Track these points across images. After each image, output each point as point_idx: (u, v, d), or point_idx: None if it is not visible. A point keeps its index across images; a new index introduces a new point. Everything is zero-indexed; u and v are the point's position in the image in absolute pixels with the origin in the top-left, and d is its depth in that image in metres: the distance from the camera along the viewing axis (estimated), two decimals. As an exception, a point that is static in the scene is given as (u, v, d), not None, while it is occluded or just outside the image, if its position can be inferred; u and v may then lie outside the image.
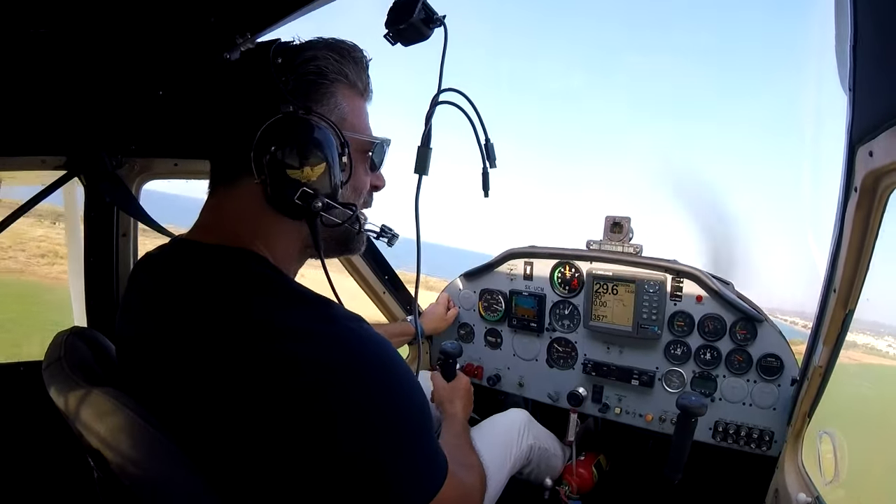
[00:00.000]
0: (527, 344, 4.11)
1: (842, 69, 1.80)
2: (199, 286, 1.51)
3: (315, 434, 1.36)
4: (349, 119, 1.72)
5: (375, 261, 4.16)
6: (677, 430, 2.95)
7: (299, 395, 1.34)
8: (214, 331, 1.42)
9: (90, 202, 2.94)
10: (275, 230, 1.64)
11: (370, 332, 1.52)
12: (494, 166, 2.14)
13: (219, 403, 1.40)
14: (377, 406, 1.43)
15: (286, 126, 1.54)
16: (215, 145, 1.70)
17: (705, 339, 3.41)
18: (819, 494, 2.35)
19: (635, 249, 3.62)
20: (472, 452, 2.23)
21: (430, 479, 1.55)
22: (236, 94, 1.65)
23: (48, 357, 1.69)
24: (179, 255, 1.66)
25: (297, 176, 1.54)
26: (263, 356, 1.36)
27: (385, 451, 1.43)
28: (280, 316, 1.43)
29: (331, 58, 1.65)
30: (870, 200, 1.81)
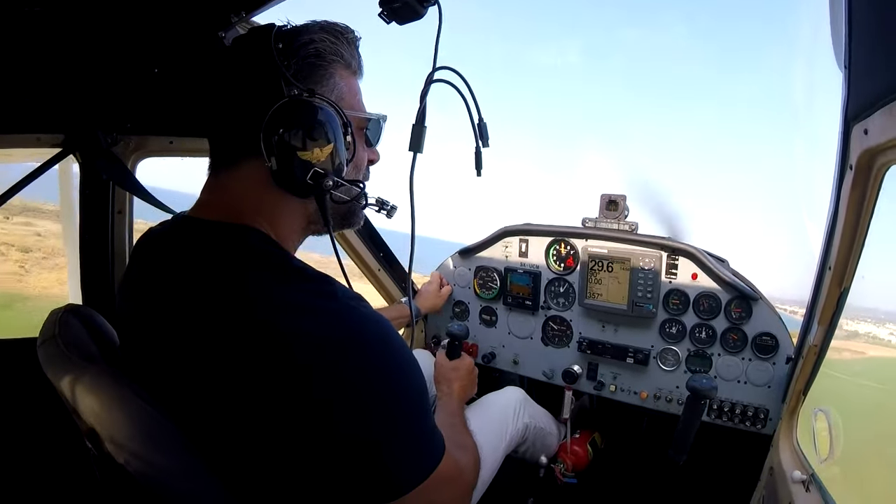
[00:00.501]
0: (522, 322, 4.11)
1: (837, 47, 1.78)
2: (199, 262, 1.53)
3: (311, 410, 1.37)
4: (347, 98, 1.74)
5: (371, 238, 4.15)
6: (685, 412, 2.94)
7: (296, 370, 1.36)
8: (213, 306, 1.43)
9: (86, 180, 2.94)
10: (279, 208, 1.67)
11: (370, 311, 1.54)
12: (487, 145, 2.16)
13: (216, 379, 1.42)
14: (375, 384, 1.45)
15: (293, 109, 1.56)
16: (217, 127, 1.71)
17: (700, 317, 3.41)
18: (814, 472, 2.35)
19: (631, 227, 3.62)
20: (467, 433, 2.24)
21: (427, 459, 1.57)
22: (238, 79, 1.66)
23: (43, 334, 1.69)
24: (181, 232, 1.68)
25: (308, 157, 1.57)
26: (262, 331, 1.37)
27: (381, 429, 1.45)
28: (280, 291, 1.45)
29: (327, 40, 1.68)
30: (865, 178, 1.81)
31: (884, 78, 1.46)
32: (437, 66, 1.95)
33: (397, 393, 1.50)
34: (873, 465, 3.69)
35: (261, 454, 1.45)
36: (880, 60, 1.49)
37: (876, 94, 1.51)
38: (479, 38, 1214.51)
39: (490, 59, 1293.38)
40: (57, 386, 1.54)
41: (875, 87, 1.52)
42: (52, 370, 1.57)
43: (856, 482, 2.94)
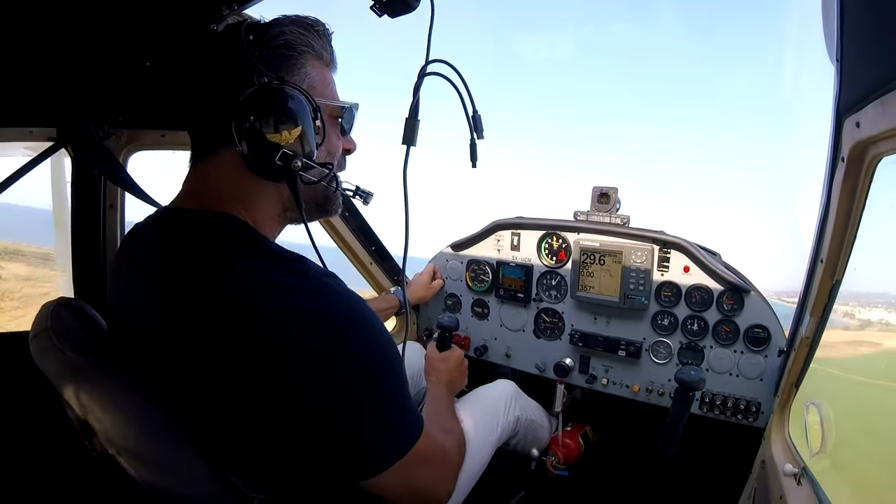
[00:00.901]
0: (514, 314, 4.12)
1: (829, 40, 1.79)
2: (179, 249, 1.58)
3: (282, 387, 1.42)
4: (318, 87, 1.80)
5: (363, 232, 4.15)
6: (674, 404, 2.96)
7: (266, 346, 1.40)
8: (191, 290, 1.49)
9: (77, 173, 2.95)
10: (255, 194, 1.72)
11: (343, 288, 1.60)
12: (482, 137, 2.19)
13: (197, 361, 1.46)
14: (344, 360, 1.49)
15: (263, 95, 1.61)
16: (195, 118, 1.77)
17: (692, 309, 3.41)
18: (806, 465, 2.36)
19: (622, 220, 3.61)
20: (452, 418, 2.29)
21: (402, 436, 1.62)
22: (213, 70, 1.73)
23: (35, 327, 1.70)
24: (164, 223, 1.74)
25: (276, 139, 1.62)
26: (236, 310, 1.42)
27: (351, 405, 1.49)
28: (254, 270, 1.50)
29: (297, 32, 1.75)
30: (857, 170, 1.81)
31: (876, 70, 1.46)
32: (429, 60, 1.96)
33: (368, 369, 1.54)
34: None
35: (242, 434, 1.49)
36: (872, 53, 1.49)
37: (868, 87, 1.51)
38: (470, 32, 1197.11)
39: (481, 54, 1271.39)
40: (49, 379, 1.55)
41: (867, 80, 1.52)
42: (45, 363, 1.58)
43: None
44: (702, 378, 2.81)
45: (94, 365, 1.50)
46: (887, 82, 1.38)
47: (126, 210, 3.14)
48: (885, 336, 3.88)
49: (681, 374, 2.84)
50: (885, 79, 1.39)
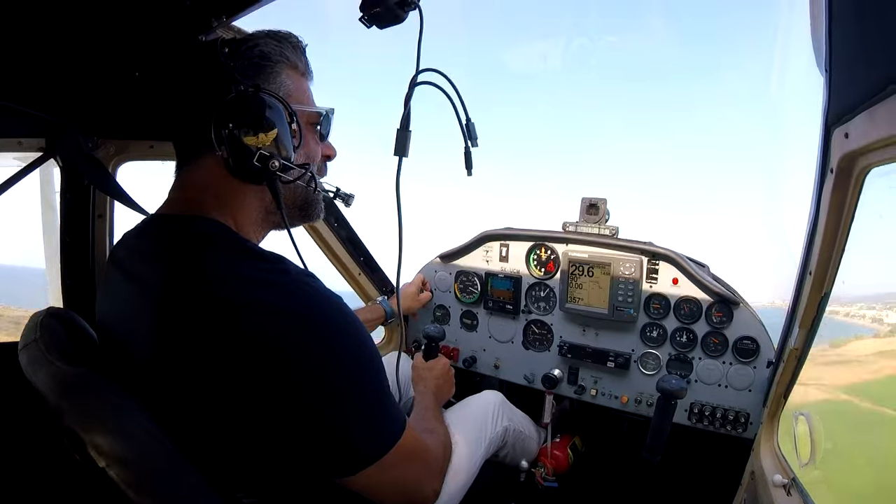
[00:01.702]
0: (503, 326, 4.12)
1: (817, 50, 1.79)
2: (164, 254, 1.63)
3: (264, 383, 1.47)
4: (295, 95, 1.89)
5: (352, 243, 4.13)
6: (657, 413, 2.97)
7: (251, 339, 1.45)
8: (178, 291, 1.53)
9: (66, 184, 2.93)
10: (237, 198, 1.79)
11: (322, 287, 1.66)
12: (476, 145, 2.22)
13: (184, 362, 1.50)
14: (327, 356, 1.53)
15: (239, 102, 1.70)
16: (178, 128, 1.85)
17: (681, 321, 3.42)
18: (795, 475, 2.36)
19: (611, 231, 3.62)
20: (437, 421, 2.32)
21: (384, 433, 1.65)
22: (193, 81, 1.81)
23: (24, 338, 1.71)
24: (150, 231, 1.79)
25: (253, 142, 1.70)
26: (221, 305, 1.47)
27: (331, 401, 1.53)
28: (236, 269, 1.55)
29: (271, 43, 1.84)
30: (845, 182, 1.81)
31: (864, 81, 1.46)
32: (420, 69, 1.98)
33: (349, 367, 1.58)
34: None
35: (227, 435, 1.52)
36: (861, 64, 1.49)
37: (857, 98, 1.52)
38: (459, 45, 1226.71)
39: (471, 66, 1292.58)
40: (39, 390, 1.55)
41: (856, 91, 1.53)
42: (34, 374, 1.59)
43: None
44: (683, 387, 2.83)
45: (83, 376, 1.49)
46: (876, 93, 1.39)
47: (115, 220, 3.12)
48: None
49: (662, 383, 2.86)
50: (874, 89, 1.39)
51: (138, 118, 2.91)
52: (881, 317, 3.44)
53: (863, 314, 2.27)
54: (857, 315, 4.17)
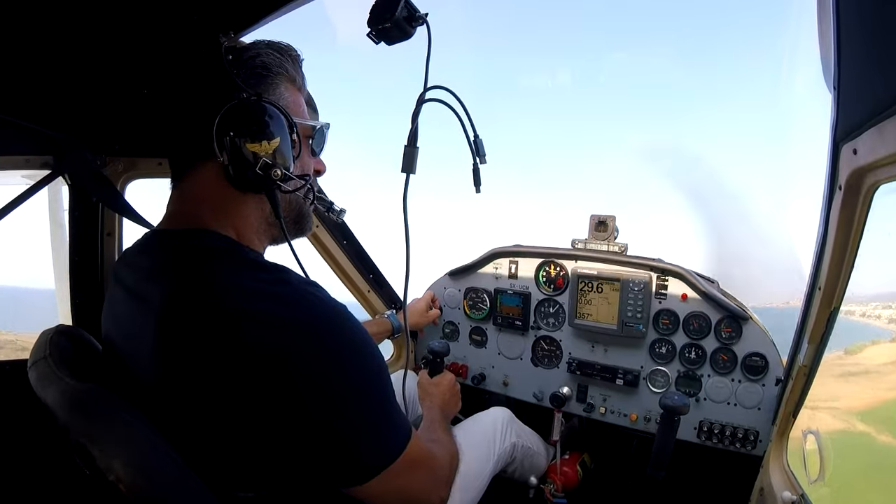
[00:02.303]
0: (512, 342, 4.11)
1: (826, 67, 1.80)
2: (163, 270, 1.63)
3: (269, 388, 1.46)
4: (292, 108, 1.86)
5: (361, 259, 4.14)
6: (660, 429, 2.97)
7: (255, 349, 1.44)
8: (178, 306, 1.53)
9: (75, 201, 2.92)
10: (237, 209, 1.78)
11: (326, 296, 1.65)
12: (484, 162, 2.20)
13: (189, 376, 1.49)
14: (333, 365, 1.53)
15: (242, 109, 1.70)
16: (173, 139, 1.84)
17: (690, 337, 3.41)
18: (804, 493, 2.35)
19: (620, 248, 3.62)
20: (444, 432, 2.32)
21: (390, 443, 1.64)
22: (191, 89, 1.80)
23: (34, 355, 1.71)
24: (150, 246, 1.79)
25: (256, 149, 1.70)
26: (223, 317, 1.46)
27: (336, 410, 1.52)
28: (237, 281, 1.54)
29: (273, 55, 1.83)
30: (854, 198, 1.81)
31: (873, 98, 1.46)
32: (428, 86, 1.97)
33: (354, 376, 1.57)
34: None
35: (234, 442, 1.52)
36: (869, 80, 1.49)
37: (865, 114, 1.52)
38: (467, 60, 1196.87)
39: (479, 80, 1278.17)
40: (48, 406, 1.55)
41: (864, 107, 1.53)
42: (44, 391, 1.58)
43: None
44: (686, 403, 2.84)
45: (92, 392, 1.49)
46: (884, 109, 1.39)
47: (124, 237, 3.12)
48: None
49: (665, 400, 2.87)
50: (883, 105, 1.40)
51: (147, 135, 2.91)
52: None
53: (878, 314, 2.23)
54: (873, 315, 4.07)
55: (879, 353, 2.89)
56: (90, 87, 2.42)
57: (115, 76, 2.36)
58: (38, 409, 1.58)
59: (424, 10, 1.89)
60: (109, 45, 2.14)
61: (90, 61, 2.23)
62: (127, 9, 1.91)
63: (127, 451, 1.36)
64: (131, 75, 2.37)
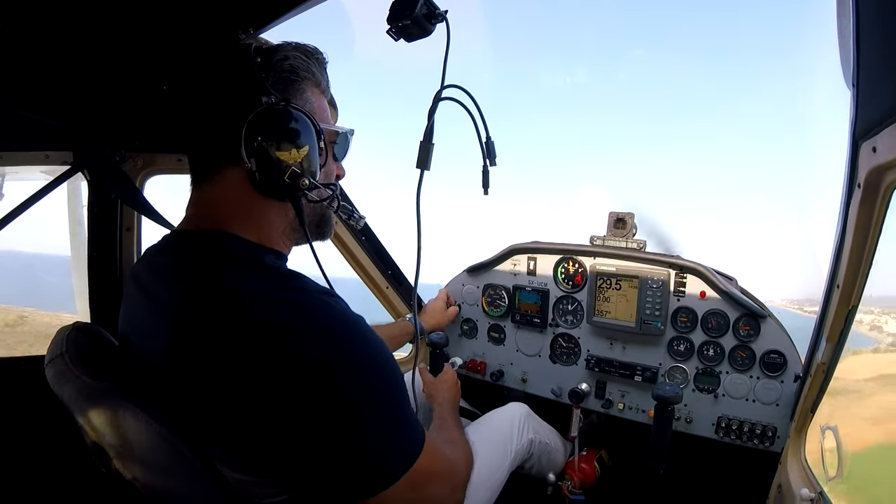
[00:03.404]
0: (530, 339, 4.12)
1: (845, 66, 1.79)
2: (181, 271, 1.63)
3: (285, 399, 1.44)
4: (318, 113, 1.84)
5: (379, 256, 4.17)
6: (656, 421, 3.01)
7: (271, 358, 1.44)
8: (194, 309, 1.51)
9: (94, 197, 2.95)
10: (261, 213, 1.77)
11: (342, 305, 1.64)
12: (494, 164, 2.20)
13: (206, 380, 1.48)
14: (347, 374, 1.51)
15: (271, 115, 1.67)
16: (197, 139, 1.81)
17: (708, 335, 3.41)
18: (822, 490, 2.35)
19: (639, 245, 3.61)
20: (457, 431, 2.31)
21: (407, 449, 1.62)
22: (218, 91, 1.76)
23: (51, 352, 1.72)
24: (170, 247, 1.79)
25: (285, 157, 1.68)
26: (238, 324, 1.45)
27: (355, 419, 1.51)
28: (254, 286, 1.54)
29: (300, 58, 1.81)
30: (873, 196, 1.81)
31: (892, 96, 1.46)
32: (445, 84, 1.98)
33: (369, 385, 1.56)
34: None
35: (250, 449, 1.51)
36: (888, 79, 1.49)
37: (884, 112, 1.52)
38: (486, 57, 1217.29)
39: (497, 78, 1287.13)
40: (65, 403, 1.57)
41: (883, 105, 1.52)
42: (60, 388, 1.61)
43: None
44: (678, 393, 2.87)
45: (109, 390, 1.50)
46: (904, 107, 1.39)
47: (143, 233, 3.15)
48: None
49: (658, 391, 2.91)
50: (902, 103, 1.40)
51: (166, 131, 2.94)
52: (880, 324, 3.31)
53: (859, 319, 2.19)
54: (854, 320, 3.95)
55: (860, 365, 2.76)
56: (110, 84, 2.45)
57: (134, 72, 2.38)
58: (55, 406, 1.61)
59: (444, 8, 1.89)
60: (129, 42, 2.16)
61: (110, 57, 2.25)
62: (146, 5, 1.92)
63: (143, 449, 1.39)
64: (150, 71, 2.39)
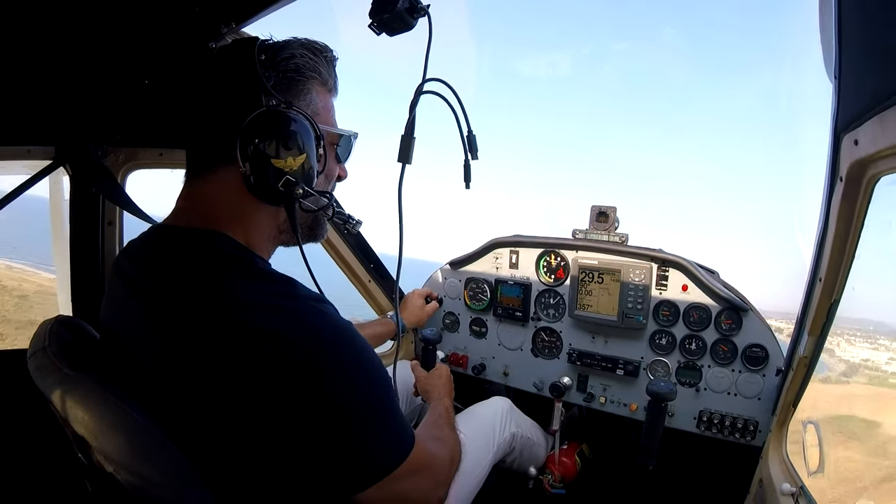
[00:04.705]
0: (512, 333, 4.12)
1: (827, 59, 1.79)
2: (171, 268, 1.59)
3: (276, 403, 1.43)
4: (322, 114, 1.82)
5: (361, 249, 4.14)
6: (648, 416, 3.01)
7: (261, 365, 1.42)
8: (185, 310, 1.49)
9: (76, 192, 2.92)
10: (250, 215, 1.73)
11: (332, 312, 1.62)
12: (476, 158, 2.19)
13: (193, 380, 1.47)
14: (337, 380, 1.50)
15: (270, 118, 1.62)
16: (194, 134, 1.76)
17: (690, 328, 3.42)
18: (803, 484, 2.35)
19: (621, 238, 3.63)
20: (447, 428, 2.28)
21: (394, 450, 1.62)
22: (219, 87, 1.71)
23: (33, 345, 1.70)
24: (157, 241, 1.74)
25: (280, 165, 1.63)
26: (229, 329, 1.43)
27: (346, 423, 1.50)
28: (246, 292, 1.51)
29: (307, 56, 1.76)
30: (855, 189, 1.81)
31: (874, 88, 1.46)
32: (426, 78, 1.96)
33: (360, 387, 1.55)
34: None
35: (235, 449, 1.50)
36: (870, 71, 1.49)
37: (866, 105, 1.51)
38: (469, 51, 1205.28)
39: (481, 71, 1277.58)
40: (47, 397, 1.55)
41: (865, 98, 1.52)
42: (43, 381, 1.58)
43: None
44: (672, 389, 2.88)
45: (91, 383, 1.49)
46: (885, 99, 1.38)
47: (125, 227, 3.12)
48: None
49: (652, 387, 2.91)
50: (884, 96, 1.39)
51: (148, 126, 2.91)
52: (831, 346, 3.25)
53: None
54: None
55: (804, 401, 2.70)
56: (92, 78, 2.42)
57: (116, 66, 2.35)
58: (37, 399, 1.59)
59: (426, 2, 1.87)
60: (111, 35, 2.13)
61: (92, 52, 2.22)
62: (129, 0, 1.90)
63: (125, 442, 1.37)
64: (132, 66, 2.37)
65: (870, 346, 3.99)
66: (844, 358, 3.97)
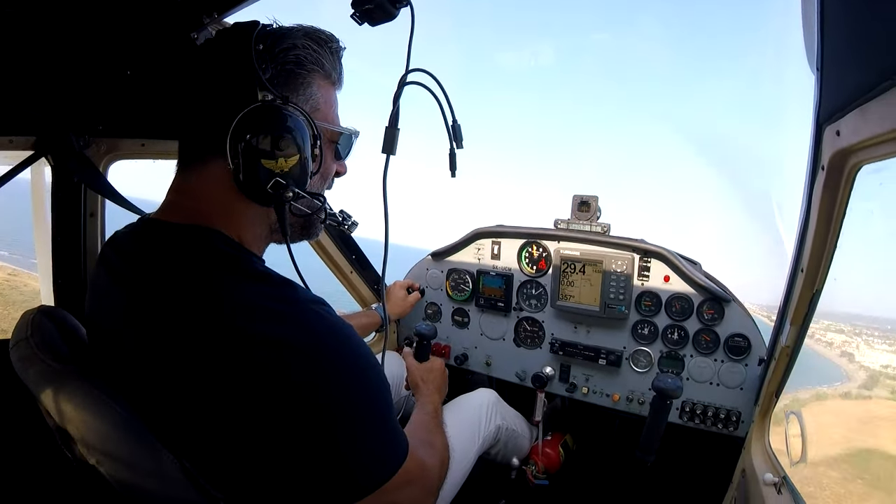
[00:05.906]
0: (494, 323, 4.12)
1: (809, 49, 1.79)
2: (164, 265, 1.54)
3: (274, 410, 1.40)
4: (322, 109, 1.76)
5: (343, 241, 4.13)
6: (652, 412, 2.97)
7: (260, 371, 1.38)
8: (179, 308, 1.45)
9: (58, 182, 2.89)
10: (241, 213, 1.67)
11: (332, 315, 1.56)
12: (461, 147, 2.17)
13: (183, 379, 1.43)
14: (336, 388, 1.47)
15: (263, 114, 1.55)
16: (186, 125, 1.70)
17: (672, 318, 3.43)
18: (786, 474, 2.36)
19: (603, 229, 3.63)
20: (439, 433, 2.25)
21: (389, 460, 1.59)
22: (213, 76, 1.65)
23: (15, 336, 1.70)
24: (146, 235, 1.68)
25: (271, 165, 1.57)
26: (227, 333, 1.39)
27: (342, 432, 1.47)
28: (244, 295, 1.47)
29: (310, 47, 1.68)
30: (837, 179, 1.81)
31: (855, 79, 1.46)
32: (410, 69, 1.95)
33: (358, 396, 1.53)
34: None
35: (226, 453, 1.47)
36: (852, 62, 1.49)
37: (848, 96, 1.51)
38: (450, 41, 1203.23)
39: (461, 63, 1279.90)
40: (29, 387, 1.55)
41: (847, 89, 1.52)
42: (25, 372, 1.58)
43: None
44: (679, 386, 2.82)
45: (73, 374, 1.48)
46: (867, 90, 1.38)
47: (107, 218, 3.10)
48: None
49: (658, 383, 2.85)
50: (865, 87, 1.39)
51: (130, 116, 2.88)
52: (851, 349, 3.16)
53: (829, 340, 2.10)
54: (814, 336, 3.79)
55: (824, 429, 2.61)
56: (73, 68, 2.39)
57: (98, 57, 2.33)
58: (19, 390, 1.59)
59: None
60: (93, 26, 2.11)
61: (73, 42, 2.20)
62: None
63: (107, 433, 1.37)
64: (114, 56, 2.35)
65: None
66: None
